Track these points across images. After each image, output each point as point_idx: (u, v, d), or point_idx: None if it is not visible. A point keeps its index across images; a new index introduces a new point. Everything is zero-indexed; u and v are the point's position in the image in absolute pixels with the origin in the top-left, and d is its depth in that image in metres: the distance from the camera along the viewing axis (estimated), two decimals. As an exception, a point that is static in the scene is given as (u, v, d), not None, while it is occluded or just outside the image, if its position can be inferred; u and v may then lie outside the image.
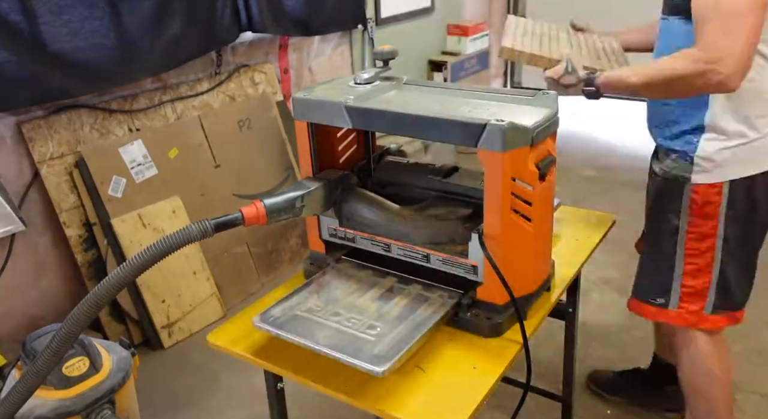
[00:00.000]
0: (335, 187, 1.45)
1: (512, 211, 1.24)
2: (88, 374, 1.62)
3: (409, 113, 1.28)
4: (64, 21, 2.31)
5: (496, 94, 1.38)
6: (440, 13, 4.47)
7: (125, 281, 1.08)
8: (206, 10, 2.77)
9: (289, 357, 1.30)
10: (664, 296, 1.75)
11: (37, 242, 2.52)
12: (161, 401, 2.41)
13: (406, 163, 1.60)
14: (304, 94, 1.41)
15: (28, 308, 2.53)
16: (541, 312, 1.40)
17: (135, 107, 2.73)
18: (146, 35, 2.56)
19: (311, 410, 2.30)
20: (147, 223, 2.67)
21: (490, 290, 1.30)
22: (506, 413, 2.24)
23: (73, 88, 2.39)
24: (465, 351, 1.30)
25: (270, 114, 3.23)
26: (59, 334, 1.10)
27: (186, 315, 2.78)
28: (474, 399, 1.17)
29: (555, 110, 1.29)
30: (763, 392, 2.31)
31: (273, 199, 1.29)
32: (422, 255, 1.40)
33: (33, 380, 1.14)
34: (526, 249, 1.30)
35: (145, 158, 2.70)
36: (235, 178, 3.05)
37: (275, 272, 3.23)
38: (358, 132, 1.59)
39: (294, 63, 3.50)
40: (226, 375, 2.53)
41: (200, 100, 2.97)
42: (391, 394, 1.19)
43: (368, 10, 3.77)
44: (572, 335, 1.90)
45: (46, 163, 2.46)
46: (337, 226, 1.49)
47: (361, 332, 1.26)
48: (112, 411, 1.63)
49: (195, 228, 1.13)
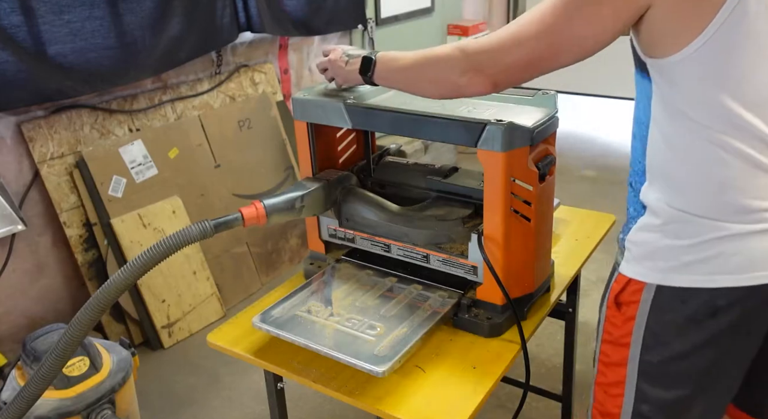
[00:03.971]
0: (335, 187, 1.45)
1: (512, 211, 1.24)
2: (89, 374, 1.62)
3: (409, 113, 1.28)
4: (64, 21, 2.32)
5: (496, 94, 1.38)
6: (440, 13, 4.47)
7: (127, 284, 1.08)
8: (206, 10, 2.77)
9: (289, 357, 1.30)
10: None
11: (37, 242, 2.52)
12: (161, 401, 2.41)
13: (406, 163, 1.60)
14: (304, 94, 1.42)
15: (28, 308, 2.53)
16: (540, 312, 1.40)
17: (135, 106, 2.73)
18: (146, 35, 2.56)
19: (311, 410, 2.30)
20: (147, 223, 2.67)
21: (490, 290, 1.30)
22: (506, 413, 2.25)
23: (73, 89, 2.39)
24: (465, 351, 1.30)
25: (270, 114, 3.23)
26: (64, 338, 1.10)
27: (186, 314, 2.78)
28: (474, 399, 1.17)
29: (555, 110, 1.29)
30: (763, 392, 2.30)
31: (273, 199, 1.29)
32: (422, 256, 1.40)
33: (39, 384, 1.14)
34: (526, 249, 1.30)
35: (145, 158, 2.70)
36: (235, 178, 3.05)
37: (275, 272, 3.23)
38: (357, 132, 1.59)
39: (294, 63, 3.50)
40: (226, 375, 2.53)
41: (200, 100, 2.97)
42: (391, 394, 1.19)
43: (368, 10, 3.77)
44: (572, 335, 1.90)
45: (46, 163, 2.46)
46: (337, 226, 1.49)
47: (361, 332, 1.26)
48: (112, 411, 1.63)
49: (195, 229, 1.14)
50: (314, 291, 1.42)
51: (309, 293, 1.41)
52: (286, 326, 1.29)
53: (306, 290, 1.42)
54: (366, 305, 1.35)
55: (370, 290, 1.41)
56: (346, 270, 1.49)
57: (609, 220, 1.81)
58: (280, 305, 1.36)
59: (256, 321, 1.31)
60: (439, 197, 1.47)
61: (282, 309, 1.35)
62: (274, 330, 1.28)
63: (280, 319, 1.31)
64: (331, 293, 1.41)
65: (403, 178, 1.55)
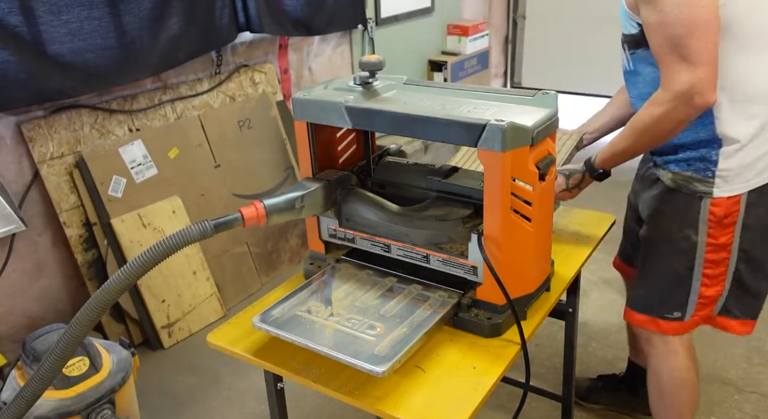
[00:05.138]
0: (335, 187, 1.45)
1: (512, 211, 1.24)
2: (88, 374, 1.62)
3: (409, 113, 1.28)
4: (63, 21, 2.32)
5: (496, 94, 1.38)
6: (440, 13, 4.47)
7: (127, 284, 1.08)
8: (204, 10, 2.77)
9: (289, 357, 1.30)
10: (680, 309, 1.70)
11: (37, 242, 2.52)
12: (161, 401, 2.41)
13: (405, 163, 1.60)
14: (303, 94, 1.41)
15: (28, 308, 2.53)
16: (540, 312, 1.40)
17: (135, 107, 2.73)
18: (145, 35, 2.56)
19: (311, 410, 2.31)
20: (147, 223, 2.67)
21: (490, 290, 1.30)
22: (506, 413, 2.25)
23: (72, 89, 2.39)
24: (465, 351, 1.30)
25: (270, 114, 3.23)
26: (64, 338, 1.10)
27: (186, 314, 2.78)
28: (474, 399, 1.17)
29: (555, 110, 1.29)
30: (763, 392, 2.31)
31: (273, 199, 1.29)
32: (422, 256, 1.40)
33: (39, 385, 1.14)
34: (526, 249, 1.30)
35: (145, 158, 2.70)
36: (235, 178, 3.05)
37: (275, 272, 3.23)
38: (357, 132, 1.59)
39: (294, 63, 3.50)
40: (226, 375, 2.53)
41: (200, 100, 2.97)
42: (391, 394, 1.19)
43: (368, 10, 3.77)
44: (572, 335, 1.90)
45: (46, 163, 2.46)
46: (337, 226, 1.49)
47: (361, 332, 1.26)
48: (112, 411, 1.63)
49: (195, 229, 1.13)
50: (314, 291, 1.42)
51: (309, 293, 1.41)
52: (286, 326, 1.29)
53: (306, 290, 1.42)
54: (366, 305, 1.35)
55: (370, 290, 1.41)
56: (346, 270, 1.49)
57: (609, 220, 1.81)
58: (280, 306, 1.36)
59: (256, 321, 1.31)
60: (439, 197, 1.47)
61: (282, 309, 1.34)
62: (274, 330, 1.28)
63: (280, 319, 1.31)
64: (331, 293, 1.41)
65: (403, 178, 1.55)
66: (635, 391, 2.18)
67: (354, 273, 1.48)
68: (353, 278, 1.46)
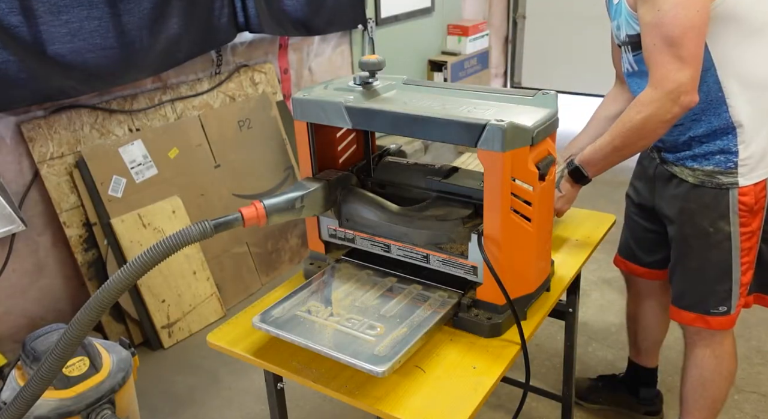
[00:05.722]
0: (335, 187, 1.45)
1: (512, 211, 1.24)
2: (88, 374, 1.62)
3: (409, 113, 1.28)
4: (63, 21, 2.32)
5: (496, 94, 1.38)
6: (440, 13, 4.47)
7: (127, 284, 1.08)
8: (204, 10, 2.77)
9: (289, 357, 1.30)
10: (725, 303, 1.70)
11: (37, 242, 2.52)
12: (161, 401, 2.41)
13: (405, 163, 1.60)
14: (303, 94, 1.41)
15: (28, 308, 2.53)
16: (541, 312, 1.40)
17: (135, 107, 2.73)
18: (144, 35, 2.56)
19: (311, 410, 2.31)
20: (147, 223, 2.67)
21: (490, 290, 1.30)
22: (506, 413, 2.25)
23: (72, 89, 2.39)
24: (465, 351, 1.30)
25: (270, 114, 3.23)
26: (64, 338, 1.10)
27: (186, 314, 2.78)
28: (474, 399, 1.17)
29: (555, 110, 1.29)
30: (763, 392, 2.31)
31: (273, 199, 1.29)
32: (422, 256, 1.40)
33: (39, 385, 1.14)
34: (526, 249, 1.30)
35: (145, 158, 2.70)
36: (235, 178, 3.05)
37: (275, 272, 3.23)
38: (357, 132, 1.59)
39: (294, 63, 3.50)
40: (226, 375, 2.53)
41: (200, 100, 2.97)
42: (391, 394, 1.19)
43: (368, 10, 3.77)
44: (572, 335, 1.90)
45: (46, 163, 2.46)
46: (337, 226, 1.49)
47: (361, 332, 1.26)
48: (112, 411, 1.63)
49: (194, 229, 1.13)
50: (314, 291, 1.42)
51: (309, 293, 1.41)
52: (286, 326, 1.29)
53: (306, 290, 1.42)
54: (366, 305, 1.35)
55: (370, 290, 1.41)
56: (346, 270, 1.49)
57: (609, 220, 1.81)
58: (280, 306, 1.36)
59: (256, 321, 1.31)
60: (439, 198, 1.47)
61: (282, 309, 1.34)
62: (274, 330, 1.28)
63: (280, 319, 1.31)
64: (331, 293, 1.41)
65: (403, 178, 1.55)
66: (635, 391, 2.18)
67: (354, 273, 1.48)
68: (353, 279, 1.46)
